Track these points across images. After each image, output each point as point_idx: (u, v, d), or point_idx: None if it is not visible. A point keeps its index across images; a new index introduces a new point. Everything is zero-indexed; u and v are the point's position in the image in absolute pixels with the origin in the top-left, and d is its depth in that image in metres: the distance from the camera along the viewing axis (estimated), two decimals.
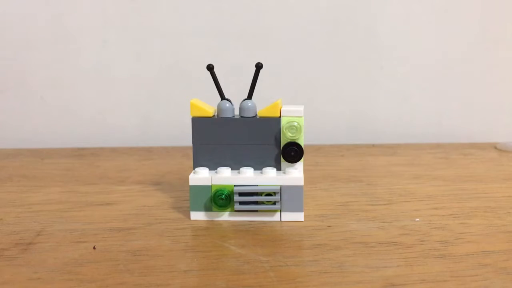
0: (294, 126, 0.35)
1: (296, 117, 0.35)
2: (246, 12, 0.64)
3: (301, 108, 0.36)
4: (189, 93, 0.65)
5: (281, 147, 0.36)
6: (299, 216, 0.36)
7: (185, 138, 0.39)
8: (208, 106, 0.37)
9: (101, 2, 0.63)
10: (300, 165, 0.36)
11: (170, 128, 0.66)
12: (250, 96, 0.37)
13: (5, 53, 0.64)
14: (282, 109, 0.36)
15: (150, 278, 0.27)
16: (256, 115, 0.36)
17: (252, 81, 0.36)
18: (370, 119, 0.67)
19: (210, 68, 0.36)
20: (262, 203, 0.35)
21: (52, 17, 0.64)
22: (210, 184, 0.36)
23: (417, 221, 0.35)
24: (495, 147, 0.61)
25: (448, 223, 0.35)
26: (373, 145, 0.63)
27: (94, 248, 0.31)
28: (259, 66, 0.36)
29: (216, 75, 0.37)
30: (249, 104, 0.36)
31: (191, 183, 0.36)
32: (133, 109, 0.66)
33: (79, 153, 0.60)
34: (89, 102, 0.66)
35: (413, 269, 0.28)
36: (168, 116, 0.66)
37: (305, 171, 0.42)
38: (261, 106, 0.37)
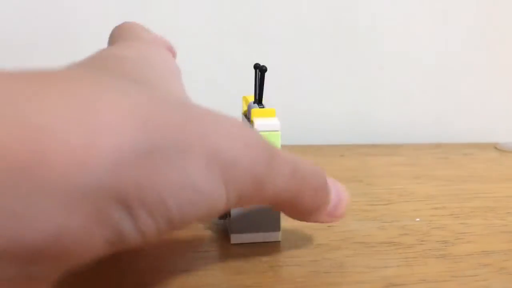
0: None
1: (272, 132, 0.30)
2: (245, 12, 0.64)
3: (276, 121, 0.30)
4: (189, 94, 0.65)
5: None
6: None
7: None
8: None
9: (102, 2, 0.63)
10: None
11: None
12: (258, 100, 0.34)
13: (6, 53, 0.64)
14: (254, 122, 0.30)
15: (150, 278, 0.27)
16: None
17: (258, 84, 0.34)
18: (370, 119, 0.67)
19: (263, 70, 0.33)
20: None
21: (53, 18, 0.63)
22: None
23: (417, 221, 0.35)
24: (495, 147, 0.61)
25: (448, 223, 0.35)
26: (373, 145, 0.63)
27: None
28: (262, 69, 0.33)
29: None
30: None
31: None
32: None
33: None
34: None
35: (413, 269, 0.28)
36: None
37: None
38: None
